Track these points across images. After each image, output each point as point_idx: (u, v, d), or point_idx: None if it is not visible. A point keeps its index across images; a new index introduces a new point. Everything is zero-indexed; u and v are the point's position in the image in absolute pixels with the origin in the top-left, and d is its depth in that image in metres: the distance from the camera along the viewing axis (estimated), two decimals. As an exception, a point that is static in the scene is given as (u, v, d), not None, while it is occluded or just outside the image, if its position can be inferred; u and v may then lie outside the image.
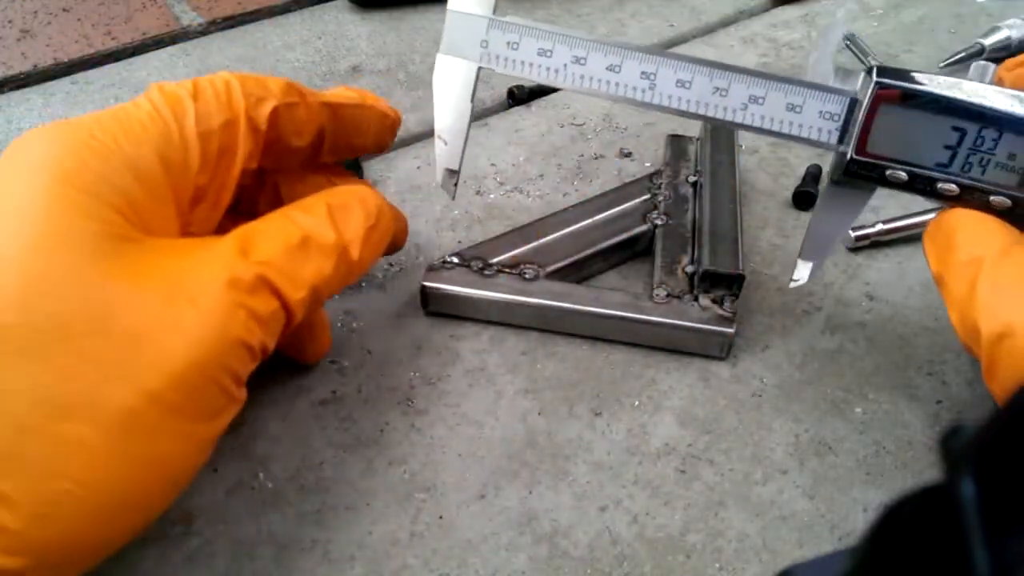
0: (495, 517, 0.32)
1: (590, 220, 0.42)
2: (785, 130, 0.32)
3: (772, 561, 0.31)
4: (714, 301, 0.38)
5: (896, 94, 0.31)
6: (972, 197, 0.32)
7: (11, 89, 0.56)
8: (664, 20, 0.65)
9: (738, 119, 0.32)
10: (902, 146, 0.31)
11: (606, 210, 0.43)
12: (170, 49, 0.60)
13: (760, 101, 0.32)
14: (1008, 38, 0.57)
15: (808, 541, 0.32)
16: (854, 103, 0.32)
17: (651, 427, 0.35)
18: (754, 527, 0.32)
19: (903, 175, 0.32)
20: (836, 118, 0.32)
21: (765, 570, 0.31)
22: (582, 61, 0.33)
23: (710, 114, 0.33)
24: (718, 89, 0.32)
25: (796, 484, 0.33)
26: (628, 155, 0.50)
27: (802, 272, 0.35)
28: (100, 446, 0.23)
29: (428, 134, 0.52)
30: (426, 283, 0.38)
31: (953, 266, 0.30)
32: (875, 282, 0.42)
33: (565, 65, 0.33)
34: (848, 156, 0.32)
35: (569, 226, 0.42)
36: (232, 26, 0.63)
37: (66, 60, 0.58)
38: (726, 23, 0.65)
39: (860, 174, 0.32)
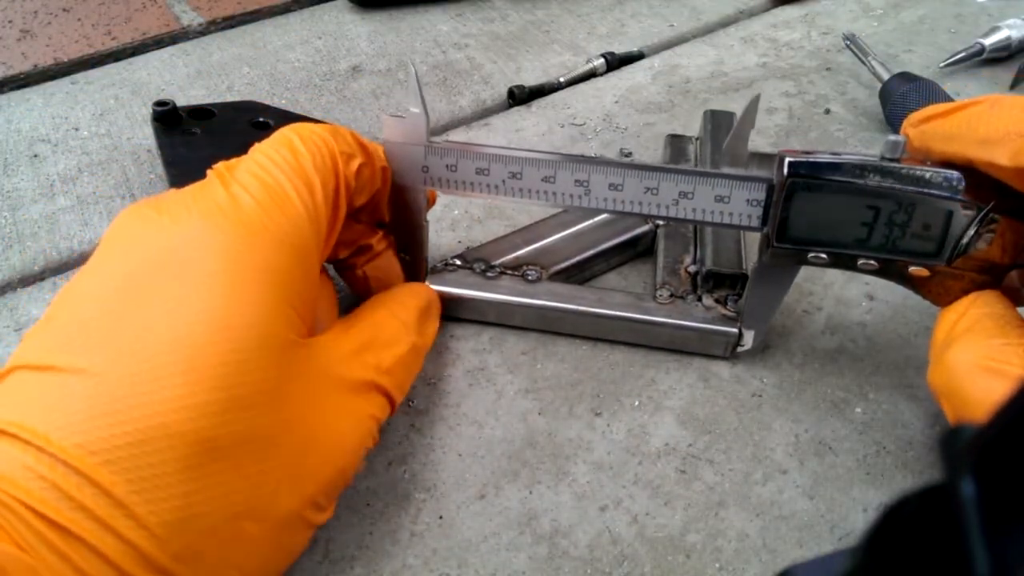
0: (495, 517, 0.32)
1: (591, 221, 0.42)
2: (716, 219, 0.33)
3: (772, 561, 0.31)
4: (717, 301, 0.38)
5: (808, 182, 0.31)
6: (892, 269, 0.33)
7: (11, 89, 0.56)
8: (664, 20, 0.65)
9: (671, 214, 0.33)
10: (820, 228, 0.32)
11: (607, 210, 0.43)
12: (170, 49, 0.60)
13: (690, 196, 0.33)
14: (1008, 38, 0.57)
15: (808, 541, 0.32)
16: (772, 189, 0.32)
17: (651, 427, 0.35)
18: (754, 527, 0.32)
19: (824, 256, 0.33)
20: (760, 203, 0.32)
21: (765, 570, 0.31)
22: (518, 176, 0.34)
23: (644, 211, 0.34)
24: (649, 189, 0.33)
25: (796, 484, 0.33)
26: (628, 155, 0.50)
27: (747, 339, 0.37)
28: (262, 540, 0.26)
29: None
30: (429, 285, 0.38)
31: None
32: (875, 282, 0.42)
33: (504, 181, 0.34)
34: (770, 243, 0.33)
35: (571, 227, 0.42)
36: (232, 26, 0.63)
37: (66, 60, 0.58)
38: (726, 23, 0.65)
39: (783, 258, 0.33)
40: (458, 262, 0.40)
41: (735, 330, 0.37)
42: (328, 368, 0.29)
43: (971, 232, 0.31)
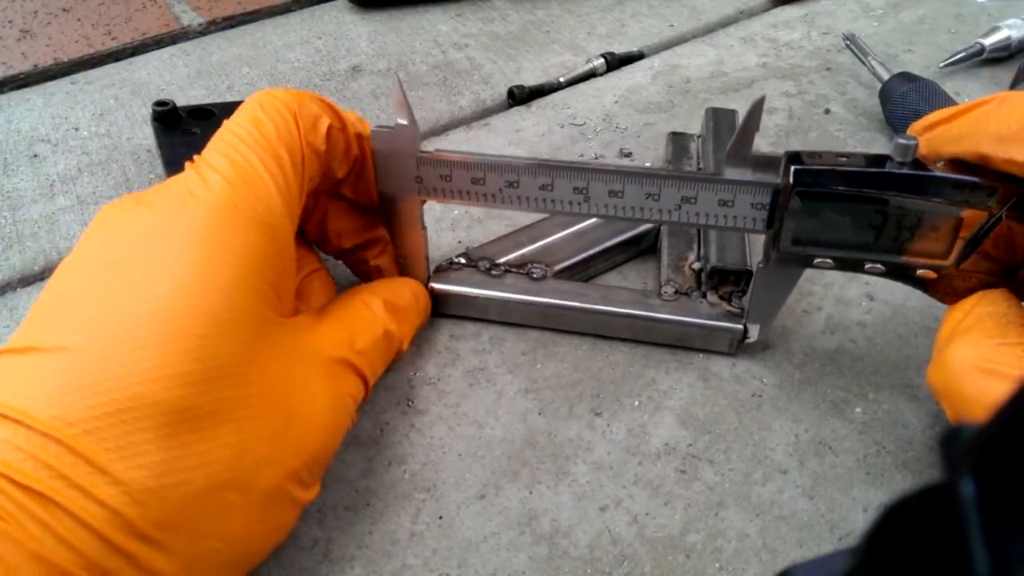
0: (495, 517, 0.32)
1: (594, 219, 0.42)
2: (720, 223, 0.33)
3: (772, 561, 0.31)
4: (722, 297, 0.38)
5: (815, 190, 0.31)
6: (899, 272, 0.33)
7: (11, 89, 0.56)
8: (664, 20, 0.65)
9: (673, 218, 0.33)
10: (827, 232, 0.32)
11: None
12: (170, 49, 0.60)
13: (692, 201, 0.33)
14: (1008, 38, 0.57)
15: (808, 541, 0.32)
16: (778, 192, 0.32)
17: (651, 427, 0.35)
18: (754, 527, 0.32)
19: (830, 261, 0.33)
20: (765, 207, 0.32)
21: (765, 570, 0.31)
22: (515, 184, 0.33)
23: (645, 217, 0.33)
24: (650, 195, 0.33)
25: (796, 484, 0.33)
26: (628, 155, 0.50)
27: (752, 332, 0.37)
28: (246, 512, 0.26)
29: (427, 134, 0.52)
30: (434, 284, 0.38)
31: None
32: (875, 282, 0.42)
33: (500, 190, 0.34)
34: (777, 247, 0.33)
35: (574, 225, 0.42)
36: (232, 26, 0.63)
37: (66, 60, 0.58)
38: (726, 23, 0.65)
39: (789, 261, 0.33)
40: (463, 261, 0.40)
41: (740, 326, 0.37)
42: (304, 344, 0.29)
43: (982, 235, 0.31)
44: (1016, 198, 0.30)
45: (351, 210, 0.36)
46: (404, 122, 0.33)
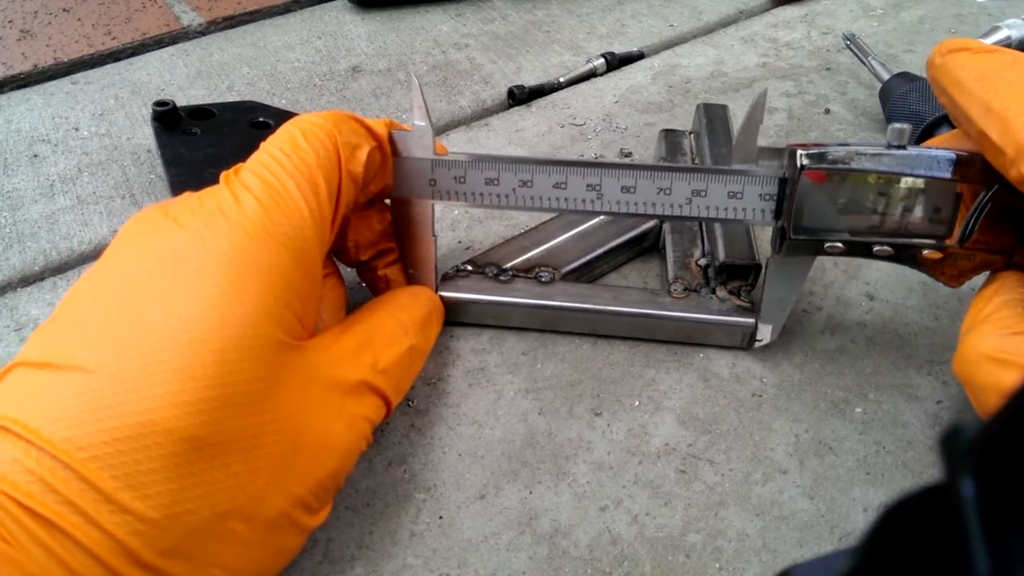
0: (495, 517, 0.32)
1: (596, 219, 0.42)
2: (730, 216, 0.34)
3: (772, 561, 0.31)
4: (731, 292, 0.38)
5: (821, 174, 0.32)
6: (906, 254, 0.33)
7: (11, 89, 0.56)
8: (664, 20, 0.65)
9: (684, 212, 0.34)
10: (834, 217, 0.33)
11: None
12: (170, 49, 0.60)
13: (703, 194, 0.33)
14: (1008, 38, 0.57)
15: (808, 541, 0.32)
16: (785, 182, 0.32)
17: (651, 427, 0.35)
18: (754, 527, 0.32)
19: (840, 245, 0.33)
20: (773, 197, 0.33)
21: (765, 570, 0.31)
22: (528, 184, 0.34)
23: (657, 212, 0.34)
24: (661, 189, 0.33)
25: (796, 484, 0.33)
26: (628, 155, 0.50)
27: (764, 333, 0.37)
28: (250, 540, 0.26)
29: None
30: (444, 292, 0.38)
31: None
32: (875, 282, 0.42)
33: (514, 190, 0.34)
34: (787, 235, 0.33)
35: (577, 226, 0.42)
36: (232, 26, 0.63)
37: (66, 60, 0.58)
38: (726, 23, 0.65)
39: (800, 249, 0.34)
40: (469, 268, 0.39)
41: (751, 320, 0.37)
42: (321, 370, 0.29)
43: (980, 211, 0.31)
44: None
45: (370, 222, 0.36)
46: (422, 123, 0.33)
